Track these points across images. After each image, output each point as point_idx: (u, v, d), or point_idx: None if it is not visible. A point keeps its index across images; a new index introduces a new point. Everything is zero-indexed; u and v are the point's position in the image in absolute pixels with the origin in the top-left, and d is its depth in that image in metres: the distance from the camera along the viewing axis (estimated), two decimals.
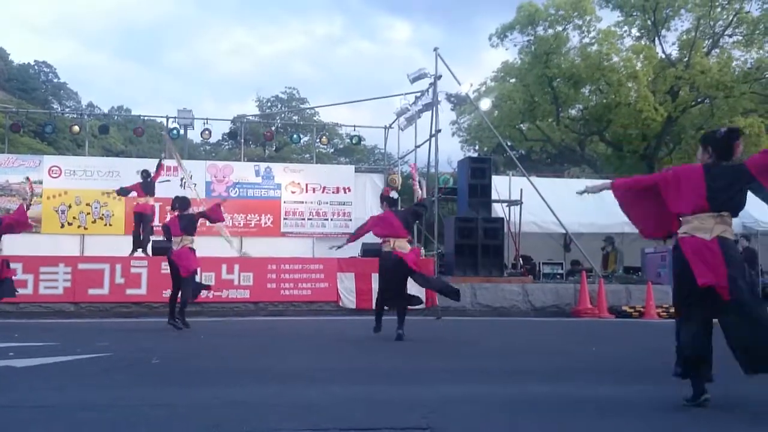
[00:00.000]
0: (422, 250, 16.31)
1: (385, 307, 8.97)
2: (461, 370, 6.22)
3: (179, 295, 9.75)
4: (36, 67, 68.65)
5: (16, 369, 5.84)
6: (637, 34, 29.12)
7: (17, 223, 10.35)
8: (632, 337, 10.17)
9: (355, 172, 19.63)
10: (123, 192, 14.74)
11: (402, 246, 8.77)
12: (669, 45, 28.81)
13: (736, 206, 4.42)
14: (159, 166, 14.97)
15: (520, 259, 16.41)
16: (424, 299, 10.20)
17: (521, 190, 16.29)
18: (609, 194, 5.13)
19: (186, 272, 9.65)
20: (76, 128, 19.33)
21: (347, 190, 18.45)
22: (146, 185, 14.48)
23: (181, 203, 10.03)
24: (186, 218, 9.92)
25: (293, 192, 18.16)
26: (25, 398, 4.54)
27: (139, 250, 14.12)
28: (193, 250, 9.82)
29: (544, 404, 4.51)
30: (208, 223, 11.28)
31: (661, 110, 26.55)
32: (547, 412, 4.29)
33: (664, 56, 28.33)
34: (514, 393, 4.93)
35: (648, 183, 4.91)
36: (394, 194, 14.15)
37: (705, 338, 4.30)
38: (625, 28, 28.89)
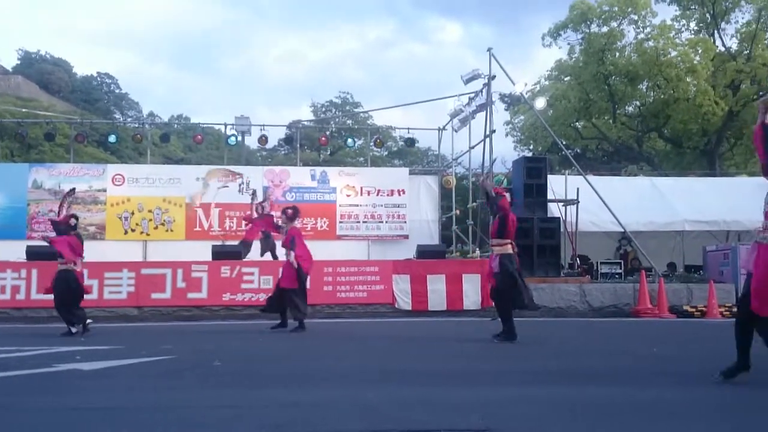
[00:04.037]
0: (477, 251, 16.27)
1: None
2: (519, 371, 6.17)
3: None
4: (98, 79, 70.81)
5: (83, 372, 6.04)
6: (696, 27, 28.50)
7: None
8: (694, 338, 9.95)
9: (410, 174, 19.66)
10: None
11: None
12: (729, 38, 28.11)
13: None
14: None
15: (577, 258, 16.18)
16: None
17: (577, 189, 16.08)
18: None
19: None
20: (139, 137, 19.94)
21: (401, 193, 18.48)
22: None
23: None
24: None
25: (348, 195, 18.31)
26: (92, 400, 4.68)
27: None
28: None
29: (604, 406, 4.44)
30: None
31: (722, 104, 25.91)
32: (608, 414, 4.23)
33: (723, 49, 27.61)
34: (573, 394, 4.87)
35: None
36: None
37: None
38: (683, 22, 28.39)
